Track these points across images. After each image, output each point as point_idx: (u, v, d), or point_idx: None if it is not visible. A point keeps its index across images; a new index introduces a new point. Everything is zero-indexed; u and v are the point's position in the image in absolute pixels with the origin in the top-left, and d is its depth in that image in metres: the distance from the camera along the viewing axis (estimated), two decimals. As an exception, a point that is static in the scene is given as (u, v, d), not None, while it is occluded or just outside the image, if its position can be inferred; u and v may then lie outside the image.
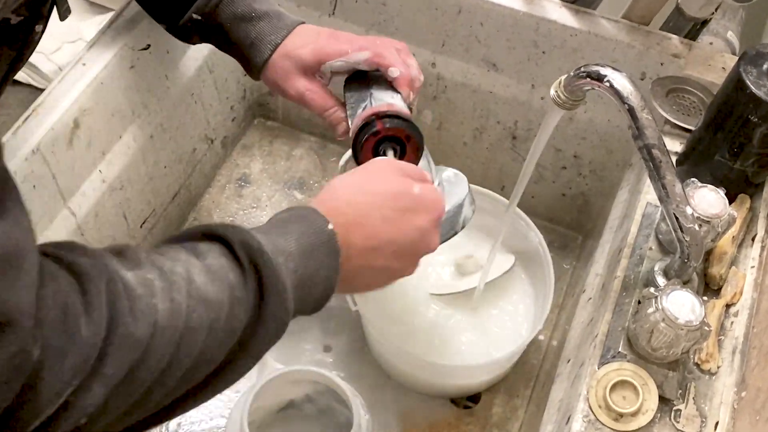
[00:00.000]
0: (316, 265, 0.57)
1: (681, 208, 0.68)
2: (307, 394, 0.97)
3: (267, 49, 0.81)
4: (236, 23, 0.82)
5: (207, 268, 0.51)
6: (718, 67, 0.95)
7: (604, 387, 0.70)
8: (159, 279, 0.49)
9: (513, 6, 1.00)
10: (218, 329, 0.50)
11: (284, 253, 0.55)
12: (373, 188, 0.64)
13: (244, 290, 0.52)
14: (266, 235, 0.55)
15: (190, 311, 0.49)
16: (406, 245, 0.64)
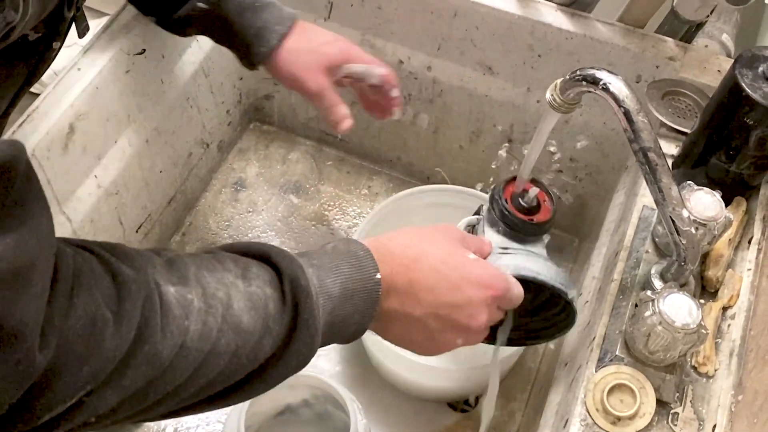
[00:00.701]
0: (353, 309, 0.58)
1: (677, 211, 0.68)
2: (305, 398, 0.97)
3: (273, 38, 0.83)
4: (241, 12, 0.83)
5: (249, 295, 0.53)
6: (713, 70, 0.95)
7: (601, 390, 0.69)
8: (198, 299, 0.50)
9: (508, 9, 1.00)
10: (242, 356, 0.52)
11: (326, 294, 0.56)
12: (430, 239, 0.64)
13: (278, 324, 0.53)
14: (317, 270, 0.57)
15: (220, 336, 0.50)
16: (449, 308, 0.62)
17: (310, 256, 0.58)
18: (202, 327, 0.49)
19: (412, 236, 0.65)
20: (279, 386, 0.90)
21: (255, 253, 0.56)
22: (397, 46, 1.10)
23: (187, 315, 0.49)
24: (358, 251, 0.59)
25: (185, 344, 0.48)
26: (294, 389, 0.94)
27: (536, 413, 0.89)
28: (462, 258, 0.64)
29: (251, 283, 0.53)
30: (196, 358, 0.49)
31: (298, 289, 0.54)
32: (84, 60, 0.91)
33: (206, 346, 0.50)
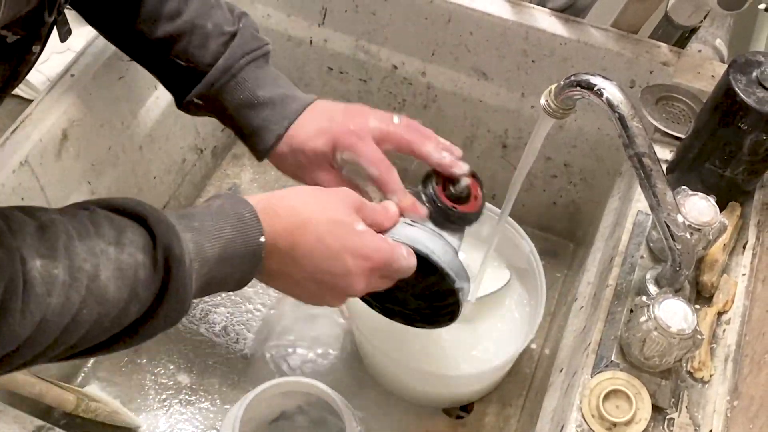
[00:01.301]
0: (232, 270, 0.60)
1: (672, 217, 0.68)
2: (299, 405, 0.96)
3: (270, 139, 0.78)
4: (239, 110, 0.79)
5: (119, 263, 0.53)
6: (707, 75, 0.95)
7: (597, 396, 0.69)
8: (64, 272, 0.51)
9: (502, 15, 1.00)
10: (105, 322, 0.53)
11: (203, 259, 0.57)
12: (321, 205, 0.65)
13: (146, 290, 0.54)
14: (197, 234, 0.57)
15: (82, 307, 0.51)
16: (326, 274, 0.65)
17: (191, 218, 0.58)
18: (64, 300, 0.50)
19: (306, 198, 0.65)
20: (274, 393, 0.91)
21: (132, 213, 0.56)
22: (391, 51, 1.10)
23: (50, 291, 0.50)
24: (244, 213, 0.60)
25: (45, 319, 0.49)
26: (289, 396, 0.94)
27: (532, 419, 0.89)
28: (348, 228, 0.65)
29: (124, 249, 0.54)
30: (54, 331, 0.50)
31: (171, 257, 0.54)
32: (77, 66, 0.91)
33: (66, 318, 0.51)
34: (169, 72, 0.81)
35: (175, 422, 1.01)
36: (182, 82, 0.80)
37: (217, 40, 0.79)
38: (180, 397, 1.03)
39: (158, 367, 1.05)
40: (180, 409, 1.02)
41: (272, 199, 0.64)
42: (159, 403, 1.02)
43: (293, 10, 1.12)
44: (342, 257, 0.64)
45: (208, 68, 0.78)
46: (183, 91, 0.81)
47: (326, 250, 0.64)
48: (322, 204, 0.65)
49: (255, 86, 0.79)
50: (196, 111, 0.82)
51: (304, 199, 0.65)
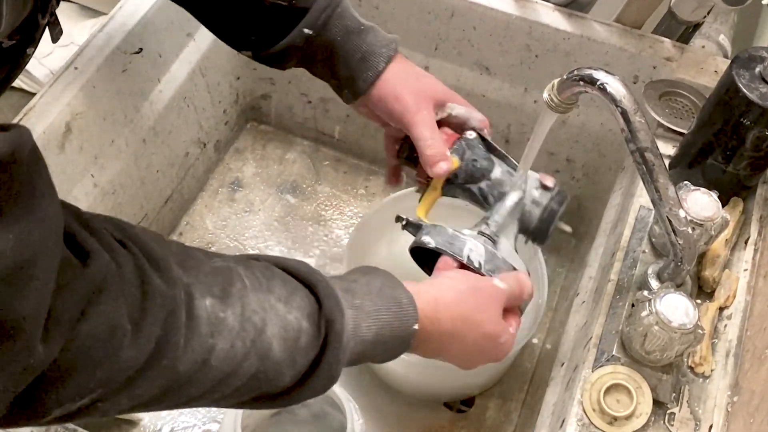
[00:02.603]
0: (384, 351, 0.60)
1: (674, 212, 0.68)
2: (301, 398, 0.96)
3: (380, 62, 0.77)
4: (346, 36, 0.77)
5: (286, 323, 0.53)
6: (710, 71, 0.95)
7: (598, 390, 0.69)
8: (233, 318, 0.50)
9: (505, 10, 1.00)
10: (262, 380, 0.53)
11: (359, 338, 0.57)
12: (479, 321, 0.66)
13: (304, 358, 0.54)
14: (357, 311, 0.57)
15: (245, 360, 0.51)
16: (479, 349, 0.68)
17: (354, 294, 0.58)
18: (229, 348, 0.50)
19: (462, 308, 0.66)
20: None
21: (303, 279, 0.57)
22: (394, 46, 1.10)
23: (215, 333, 0.49)
24: (402, 299, 0.60)
25: (208, 362, 0.49)
26: (290, 389, 0.94)
27: (533, 413, 0.89)
28: (495, 340, 0.67)
29: (291, 311, 0.54)
30: (216, 376, 0.50)
31: (331, 332, 0.55)
32: (81, 59, 0.91)
33: (229, 367, 0.50)
34: (258, 18, 0.78)
35: (177, 414, 1.02)
36: (277, 26, 0.78)
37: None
38: (182, 389, 1.03)
39: (160, 359, 1.05)
40: (182, 401, 1.02)
41: (432, 292, 0.64)
42: (161, 396, 1.03)
43: (296, 4, 1.12)
44: (487, 351, 0.68)
45: (310, 1, 0.76)
46: (276, 35, 0.78)
47: (480, 336, 0.66)
48: (479, 314, 0.66)
49: (354, 13, 0.79)
50: (292, 55, 0.79)
51: (461, 308, 0.65)
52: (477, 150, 0.79)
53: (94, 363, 0.44)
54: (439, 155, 0.76)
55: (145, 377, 0.47)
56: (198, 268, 0.51)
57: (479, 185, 0.78)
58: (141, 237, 0.50)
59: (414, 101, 0.77)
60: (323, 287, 0.56)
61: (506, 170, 0.79)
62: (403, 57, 0.80)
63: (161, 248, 0.50)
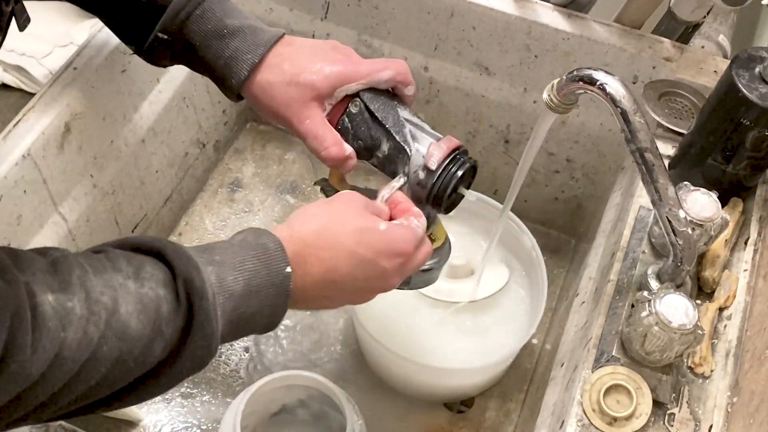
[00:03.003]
0: (260, 304, 0.57)
1: (674, 212, 0.68)
2: (301, 399, 0.96)
3: (243, 70, 0.72)
4: (207, 41, 0.73)
5: (140, 297, 0.51)
6: (710, 71, 0.95)
7: (597, 391, 0.69)
8: (80, 306, 0.48)
9: (505, 10, 1.00)
10: (129, 360, 0.50)
11: (227, 293, 0.54)
12: (340, 218, 0.64)
13: (170, 327, 0.52)
14: (218, 267, 0.55)
15: (102, 343, 0.48)
16: (364, 282, 0.64)
17: (213, 251, 0.56)
18: (81, 336, 0.47)
19: (323, 218, 0.64)
20: (275, 386, 0.91)
21: (149, 249, 0.54)
22: (393, 46, 1.10)
23: (65, 326, 0.47)
24: (268, 243, 0.58)
25: (60, 355, 0.46)
26: (290, 389, 0.94)
27: (532, 413, 0.89)
28: (373, 231, 0.64)
29: (144, 283, 0.51)
30: (71, 368, 0.47)
31: (192, 290, 0.52)
32: (80, 59, 0.91)
33: (84, 354, 0.47)
34: (129, 13, 0.76)
35: (176, 415, 1.02)
36: (144, 22, 0.74)
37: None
38: (181, 390, 1.03)
39: (160, 360, 1.05)
40: (182, 402, 1.02)
41: (294, 226, 0.62)
42: (160, 396, 1.03)
43: (295, 4, 1.12)
44: (376, 263, 0.63)
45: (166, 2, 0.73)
46: (145, 32, 0.75)
47: (361, 261, 0.63)
48: (340, 217, 0.64)
49: (222, 15, 0.74)
50: (162, 53, 0.76)
51: (322, 219, 0.64)
52: (361, 125, 0.73)
53: None
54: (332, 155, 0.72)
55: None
56: (33, 266, 0.48)
57: (372, 161, 0.74)
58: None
59: (287, 113, 0.72)
60: (171, 250, 0.53)
61: (392, 145, 0.72)
62: (279, 54, 0.73)
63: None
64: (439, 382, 1.02)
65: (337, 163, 0.73)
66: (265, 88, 0.73)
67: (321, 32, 1.13)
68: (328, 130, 0.72)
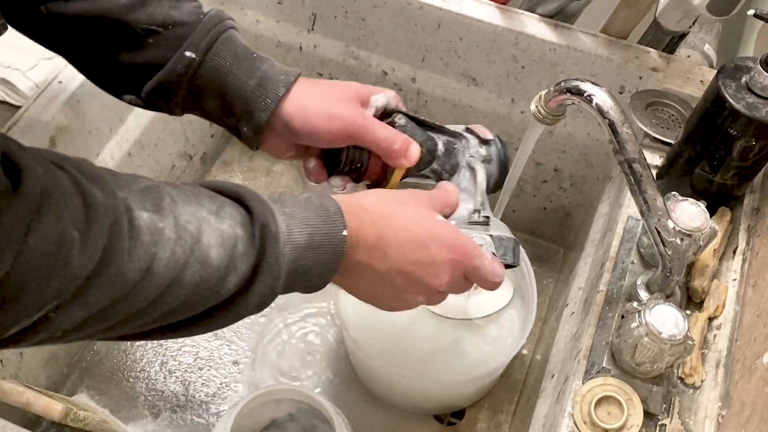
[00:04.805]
0: (317, 261, 0.59)
1: (662, 222, 0.68)
2: (290, 413, 0.96)
3: (280, 88, 0.70)
4: (237, 62, 0.70)
5: (221, 232, 0.54)
6: (696, 81, 0.95)
7: (588, 402, 0.69)
8: (170, 229, 0.51)
9: (492, 21, 1.00)
10: (206, 288, 0.53)
11: (293, 243, 0.57)
12: (401, 198, 0.67)
13: (244, 264, 0.55)
14: (288, 218, 0.58)
15: (186, 267, 0.51)
16: (414, 264, 0.64)
17: (284, 203, 0.59)
18: (170, 255, 0.51)
19: (384, 194, 0.67)
20: (264, 400, 0.90)
21: (230, 194, 0.57)
22: (381, 57, 1.10)
23: (156, 242, 0.50)
24: (330, 206, 0.60)
25: (151, 269, 0.50)
26: (280, 403, 0.94)
27: (523, 425, 0.89)
28: (430, 216, 0.66)
29: (224, 221, 0.54)
30: (160, 284, 0.50)
31: (267, 234, 0.55)
32: (66, 72, 0.90)
33: (171, 274, 0.51)
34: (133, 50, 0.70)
35: (164, 430, 1.01)
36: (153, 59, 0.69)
37: (191, 3, 0.71)
38: (170, 405, 1.02)
39: (147, 374, 1.04)
40: (170, 417, 1.02)
41: (355, 196, 0.65)
42: (148, 411, 1.02)
43: (283, 16, 1.12)
44: (428, 245, 0.64)
45: (189, 28, 0.69)
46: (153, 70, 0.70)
47: (413, 238, 0.64)
48: (401, 198, 0.67)
49: (245, 43, 0.72)
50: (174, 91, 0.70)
51: (383, 195, 0.67)
52: (415, 131, 0.74)
53: (46, 276, 0.45)
54: (405, 143, 0.71)
55: (94, 285, 0.47)
56: (129, 186, 0.51)
57: (432, 167, 0.75)
58: (72, 158, 0.51)
59: (344, 109, 0.71)
60: (251, 196, 0.57)
61: (446, 140, 0.76)
62: (306, 79, 0.72)
63: (94, 167, 0.51)
64: (430, 394, 1.01)
65: (409, 154, 0.72)
66: (309, 96, 0.71)
67: (308, 44, 1.13)
68: (389, 129, 0.72)
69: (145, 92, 0.71)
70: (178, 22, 0.69)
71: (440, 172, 0.76)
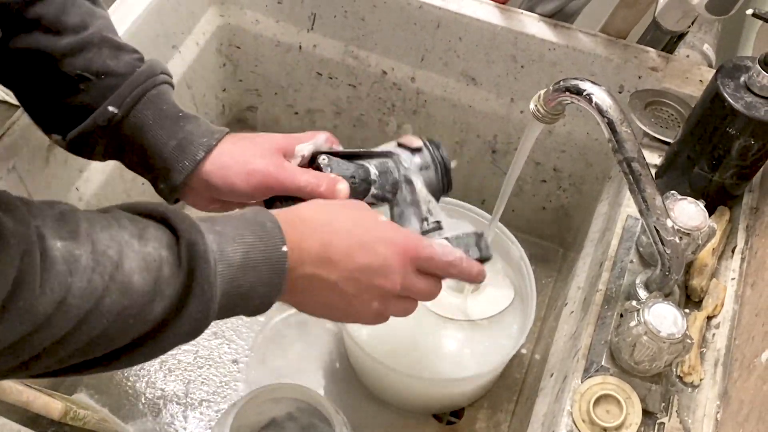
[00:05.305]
0: (257, 280, 0.57)
1: (661, 221, 0.68)
2: (289, 411, 0.96)
3: (199, 151, 0.70)
4: (160, 121, 0.70)
5: (144, 256, 0.51)
6: (695, 80, 0.95)
7: (587, 401, 0.69)
8: (87, 256, 0.49)
9: (491, 20, 1.00)
10: (129, 316, 0.51)
11: (226, 262, 0.55)
12: (342, 205, 0.65)
13: (171, 287, 0.52)
14: (219, 236, 0.55)
15: (105, 294, 0.49)
16: (364, 270, 0.62)
17: (214, 222, 0.57)
18: (86, 284, 0.48)
19: (322, 202, 0.66)
20: (264, 399, 0.90)
21: (154, 214, 0.55)
22: (380, 57, 1.10)
23: (72, 271, 0.48)
24: (266, 222, 0.58)
25: (66, 300, 0.47)
26: (279, 402, 0.94)
27: (522, 424, 0.89)
28: (373, 218, 0.65)
29: (147, 243, 0.52)
30: (76, 315, 0.48)
31: (195, 254, 0.53)
32: (65, 72, 0.90)
33: (88, 303, 0.48)
34: (66, 93, 0.70)
35: (164, 429, 1.01)
36: (83, 104, 0.70)
37: (131, 55, 0.72)
38: (169, 404, 1.03)
39: (147, 373, 1.05)
40: (169, 415, 1.02)
41: (294, 208, 0.63)
42: (148, 410, 1.02)
43: (282, 16, 1.12)
44: (375, 246, 0.62)
45: (122, 79, 0.70)
46: (82, 115, 0.70)
47: (358, 242, 0.62)
48: (340, 204, 0.66)
49: (175, 102, 0.73)
50: (96, 141, 0.71)
51: (320, 203, 0.65)
52: (342, 166, 0.73)
53: None
54: (330, 183, 0.69)
55: (2, 320, 0.45)
56: (43, 213, 0.49)
57: (372, 192, 0.74)
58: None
59: (262, 163, 0.70)
60: (176, 217, 0.54)
61: (377, 162, 0.74)
62: (234, 138, 0.72)
63: (10, 195, 0.49)
64: (429, 393, 1.02)
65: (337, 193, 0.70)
66: (228, 155, 0.71)
67: (308, 44, 1.13)
68: (311, 173, 0.71)
69: (69, 137, 0.71)
70: (112, 73, 0.70)
71: (382, 196, 0.74)
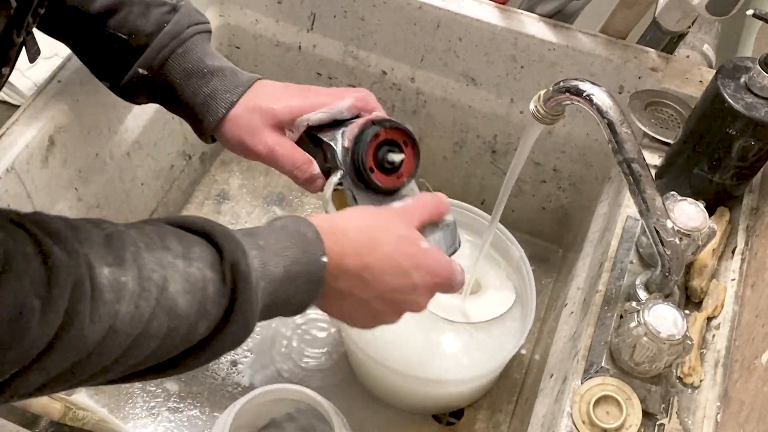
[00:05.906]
0: (296, 290, 0.59)
1: (661, 222, 0.68)
2: (289, 412, 0.96)
3: (221, 108, 0.76)
4: (186, 80, 0.76)
5: (188, 276, 0.52)
6: (695, 81, 0.95)
7: (587, 402, 0.69)
8: (133, 282, 0.50)
9: (491, 21, 1.00)
10: (175, 337, 0.52)
11: (268, 278, 0.56)
12: (386, 223, 0.66)
13: (215, 307, 0.54)
14: (261, 252, 0.57)
15: (152, 319, 0.50)
16: (397, 292, 0.65)
17: (257, 236, 0.58)
18: (133, 310, 0.49)
19: (369, 218, 0.67)
20: (263, 400, 0.90)
21: (198, 230, 0.56)
22: (380, 57, 1.10)
23: (119, 299, 0.49)
24: (308, 233, 0.60)
25: (114, 327, 0.48)
26: (278, 403, 0.94)
27: (522, 425, 0.89)
28: (415, 245, 0.66)
29: (192, 263, 0.53)
30: (124, 341, 0.49)
31: (237, 275, 0.54)
32: (64, 72, 0.90)
33: (136, 329, 0.50)
34: (106, 50, 0.78)
35: (163, 430, 1.01)
36: (122, 59, 0.77)
37: (160, 9, 0.77)
38: (168, 404, 1.02)
39: (146, 374, 1.04)
40: (168, 416, 1.02)
41: (337, 220, 0.64)
42: (147, 411, 1.02)
43: (282, 16, 1.12)
44: (411, 275, 0.65)
45: (151, 38, 0.76)
46: (122, 69, 0.78)
47: (396, 268, 0.64)
48: (386, 222, 0.66)
49: (203, 55, 0.77)
50: (139, 91, 0.79)
51: (368, 220, 0.66)
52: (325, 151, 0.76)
53: (5, 345, 0.44)
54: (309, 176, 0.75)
55: (54, 350, 0.46)
56: (90, 239, 0.50)
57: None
58: (30, 214, 0.49)
59: (252, 139, 0.75)
60: (221, 234, 0.55)
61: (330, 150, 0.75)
62: (254, 92, 0.77)
63: (54, 221, 0.49)
64: (428, 393, 1.01)
65: (309, 180, 0.75)
66: (235, 120, 0.76)
67: (307, 43, 1.13)
68: (297, 151, 0.75)
69: (117, 87, 0.80)
70: (141, 32, 0.76)
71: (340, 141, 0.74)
